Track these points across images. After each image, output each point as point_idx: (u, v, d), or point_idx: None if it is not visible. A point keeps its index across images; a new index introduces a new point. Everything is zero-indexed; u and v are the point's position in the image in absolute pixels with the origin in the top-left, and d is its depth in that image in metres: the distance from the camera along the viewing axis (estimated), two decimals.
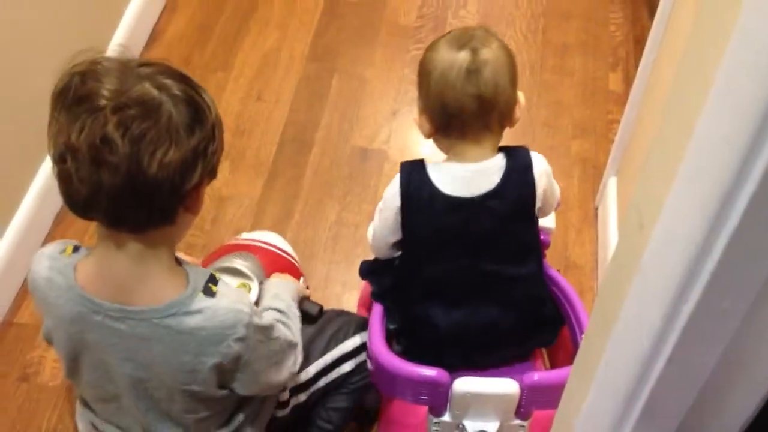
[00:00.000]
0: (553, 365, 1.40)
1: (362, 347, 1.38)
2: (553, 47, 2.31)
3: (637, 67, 2.25)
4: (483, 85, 1.17)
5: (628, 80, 2.22)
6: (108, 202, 0.95)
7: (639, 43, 2.31)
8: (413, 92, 1.38)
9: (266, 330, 1.11)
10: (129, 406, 1.12)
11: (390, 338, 1.31)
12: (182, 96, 0.97)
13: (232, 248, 1.47)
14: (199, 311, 1.02)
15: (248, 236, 1.61)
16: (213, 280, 1.05)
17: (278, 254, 1.54)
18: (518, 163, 1.23)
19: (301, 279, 1.52)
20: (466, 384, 1.20)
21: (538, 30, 2.35)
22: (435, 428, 1.27)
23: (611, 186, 1.84)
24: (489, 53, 1.18)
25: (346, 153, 2.06)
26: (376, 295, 1.34)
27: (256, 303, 1.26)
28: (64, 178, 0.96)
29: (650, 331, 0.60)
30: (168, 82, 0.97)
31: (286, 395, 1.32)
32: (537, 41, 2.33)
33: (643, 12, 2.40)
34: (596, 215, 1.93)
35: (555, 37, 2.34)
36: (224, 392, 1.12)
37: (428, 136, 1.25)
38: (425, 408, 1.26)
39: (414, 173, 1.24)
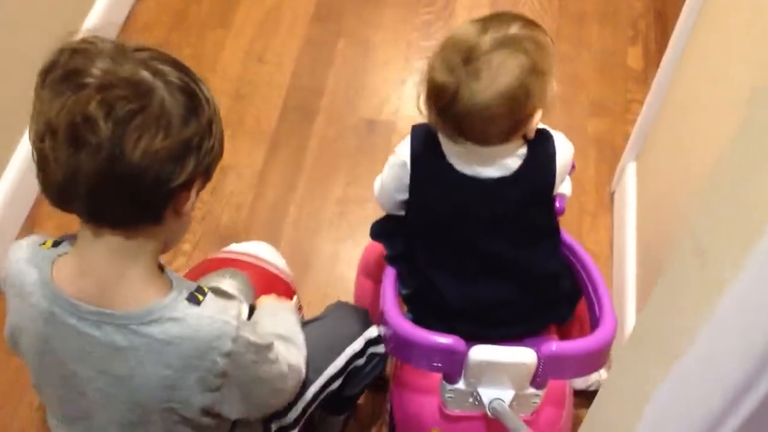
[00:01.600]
0: (565, 337, 1.35)
1: (354, 357, 1.29)
2: (569, 16, 2.20)
3: (657, 42, 2.16)
4: (493, 95, 1.07)
5: (648, 56, 2.13)
6: (86, 189, 0.85)
7: (660, 16, 2.21)
8: (422, 60, 1.29)
9: (262, 349, 0.99)
10: (101, 428, 1.00)
11: (401, 304, 1.27)
12: (179, 83, 0.88)
13: (219, 263, 1.35)
14: (181, 319, 0.92)
15: (237, 248, 1.44)
16: (200, 290, 0.95)
17: (270, 272, 1.41)
18: (541, 153, 1.16)
19: (295, 298, 1.40)
20: (482, 352, 1.17)
21: None
22: (449, 395, 1.24)
23: (630, 171, 1.76)
24: (498, 56, 1.06)
25: (353, 124, 1.96)
26: (389, 259, 1.29)
27: None
28: (41, 160, 0.86)
29: None
30: (165, 68, 0.88)
31: (287, 419, 1.20)
32: (553, 8, 2.22)
33: None
34: (612, 200, 1.85)
35: (572, 4, 2.23)
36: (209, 420, 0.99)
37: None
38: (436, 381, 1.24)
39: (424, 143, 1.17)
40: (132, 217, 0.89)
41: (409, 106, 1.99)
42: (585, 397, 1.47)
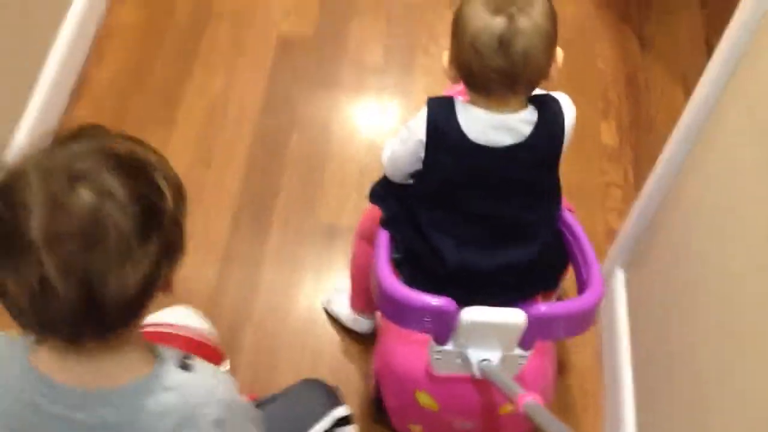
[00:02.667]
0: None
1: None
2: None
3: (630, 113, 2.04)
4: (512, 58, 1.13)
5: (622, 131, 2.00)
6: (63, 331, 0.80)
7: (631, 83, 2.09)
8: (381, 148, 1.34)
9: (239, 411, 0.95)
10: None
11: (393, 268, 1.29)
12: (130, 196, 0.77)
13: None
14: (172, 388, 0.87)
15: (153, 319, 1.28)
16: (188, 356, 0.91)
17: (194, 339, 1.33)
18: (550, 117, 1.21)
19: (226, 362, 1.35)
20: (474, 313, 1.20)
21: None
22: (437, 356, 1.27)
23: (618, 280, 1.62)
24: (527, 22, 1.12)
25: (311, 230, 1.80)
26: (384, 222, 1.32)
27: None
28: (10, 312, 0.80)
29: None
30: (109, 181, 0.77)
31: None
32: None
33: (632, 44, 2.17)
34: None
35: None
36: None
37: (455, 83, 1.23)
38: (421, 339, 1.26)
39: (441, 113, 1.21)
40: (113, 331, 0.83)
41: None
42: None
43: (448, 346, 1.25)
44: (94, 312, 0.78)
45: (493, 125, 1.19)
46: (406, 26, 2.15)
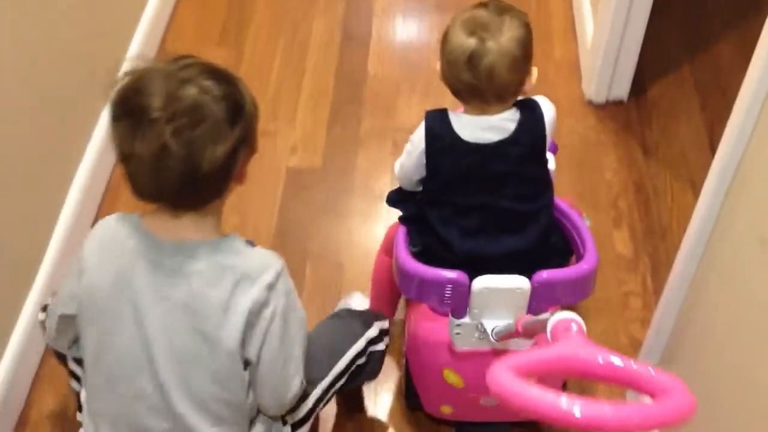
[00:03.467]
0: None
1: (356, 357, 1.45)
2: None
3: (642, 221, 2.04)
4: (477, 74, 1.33)
5: (635, 239, 1.99)
6: (170, 195, 1.13)
7: (639, 191, 2.10)
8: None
9: (293, 299, 1.22)
10: (151, 387, 1.18)
11: None
12: (222, 95, 1.11)
13: None
14: (240, 252, 1.18)
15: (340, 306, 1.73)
16: (251, 243, 1.21)
17: None
18: (531, 114, 1.40)
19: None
20: (483, 281, 1.37)
21: None
22: (456, 331, 1.43)
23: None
24: (494, 45, 1.32)
25: None
26: (403, 219, 1.52)
27: None
28: (130, 176, 1.12)
29: None
30: (208, 83, 1.11)
31: (295, 417, 1.36)
32: None
33: (637, 152, 2.19)
34: None
35: None
36: (246, 393, 1.22)
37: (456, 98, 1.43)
38: (444, 323, 1.43)
39: (437, 121, 1.41)
40: (205, 202, 1.16)
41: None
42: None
43: (465, 319, 1.41)
44: (192, 179, 1.10)
45: (481, 126, 1.39)
46: None
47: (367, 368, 1.48)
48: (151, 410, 1.19)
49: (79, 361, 1.32)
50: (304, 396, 1.33)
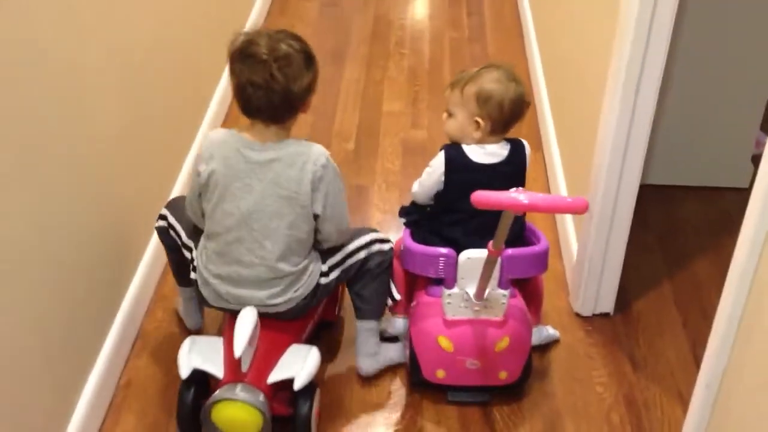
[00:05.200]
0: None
1: (369, 244, 2.07)
2: (541, 414, 2.13)
3: None
4: (527, 98, 2.07)
5: None
6: (269, 110, 1.83)
7: (631, 405, 2.16)
8: None
9: (336, 170, 1.93)
10: (248, 233, 1.89)
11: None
12: (301, 49, 1.85)
13: None
14: (305, 144, 1.89)
15: None
16: (308, 139, 1.93)
17: None
18: (517, 146, 2.07)
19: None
20: (467, 253, 1.99)
21: (519, 390, 2.17)
22: (448, 301, 2.03)
23: None
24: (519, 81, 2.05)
25: None
26: (408, 223, 2.15)
27: None
28: (245, 99, 1.83)
29: None
30: (293, 42, 1.84)
31: (326, 268, 2.01)
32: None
33: (626, 366, 2.27)
34: None
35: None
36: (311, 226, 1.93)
37: (475, 131, 2.02)
38: (439, 304, 2.04)
39: (454, 150, 2.04)
40: (287, 117, 1.89)
41: None
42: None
43: (455, 289, 2.01)
44: (287, 99, 1.82)
45: (486, 152, 2.03)
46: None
47: (370, 264, 2.06)
48: (247, 250, 1.89)
49: (191, 236, 2.04)
50: (340, 247, 2.03)
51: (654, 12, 1.96)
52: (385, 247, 2.08)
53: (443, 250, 1.99)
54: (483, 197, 1.76)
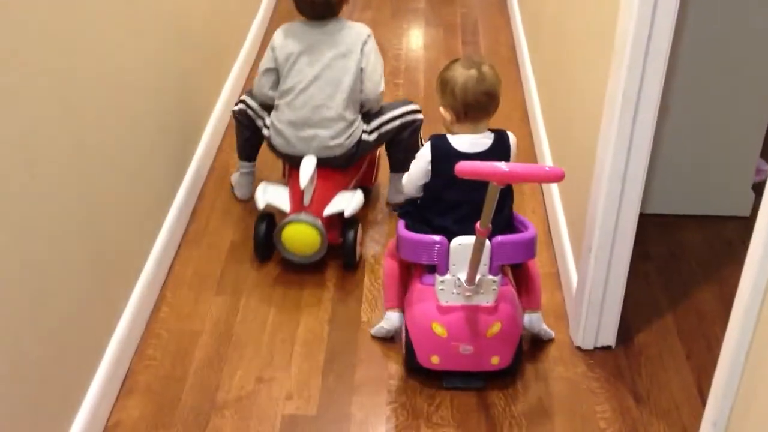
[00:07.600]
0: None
1: (403, 114, 2.67)
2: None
3: None
4: (489, 85, 2.09)
5: None
6: (322, 6, 2.53)
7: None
8: None
9: (376, 44, 2.62)
10: (318, 92, 2.53)
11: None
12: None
13: None
14: (353, 24, 2.59)
15: None
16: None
17: None
18: (501, 136, 2.15)
19: None
20: (458, 239, 2.06)
21: (522, 427, 2.11)
22: (440, 287, 2.09)
23: None
24: (486, 69, 2.12)
25: None
26: (402, 215, 2.23)
27: None
28: (298, 3, 2.56)
29: None
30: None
31: (369, 127, 2.62)
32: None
33: (629, 401, 2.21)
34: None
35: (537, 419, 2.11)
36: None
37: (451, 124, 2.14)
38: (433, 291, 2.11)
39: (439, 140, 2.13)
40: (337, 11, 2.58)
41: None
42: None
43: (447, 276, 2.07)
44: (329, 4, 2.53)
45: (470, 142, 2.11)
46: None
47: (404, 134, 2.70)
48: (316, 106, 2.50)
49: (265, 109, 2.66)
50: (379, 113, 2.66)
51: (650, 39, 1.93)
52: (418, 117, 2.70)
53: (437, 238, 2.06)
54: (466, 166, 1.86)
